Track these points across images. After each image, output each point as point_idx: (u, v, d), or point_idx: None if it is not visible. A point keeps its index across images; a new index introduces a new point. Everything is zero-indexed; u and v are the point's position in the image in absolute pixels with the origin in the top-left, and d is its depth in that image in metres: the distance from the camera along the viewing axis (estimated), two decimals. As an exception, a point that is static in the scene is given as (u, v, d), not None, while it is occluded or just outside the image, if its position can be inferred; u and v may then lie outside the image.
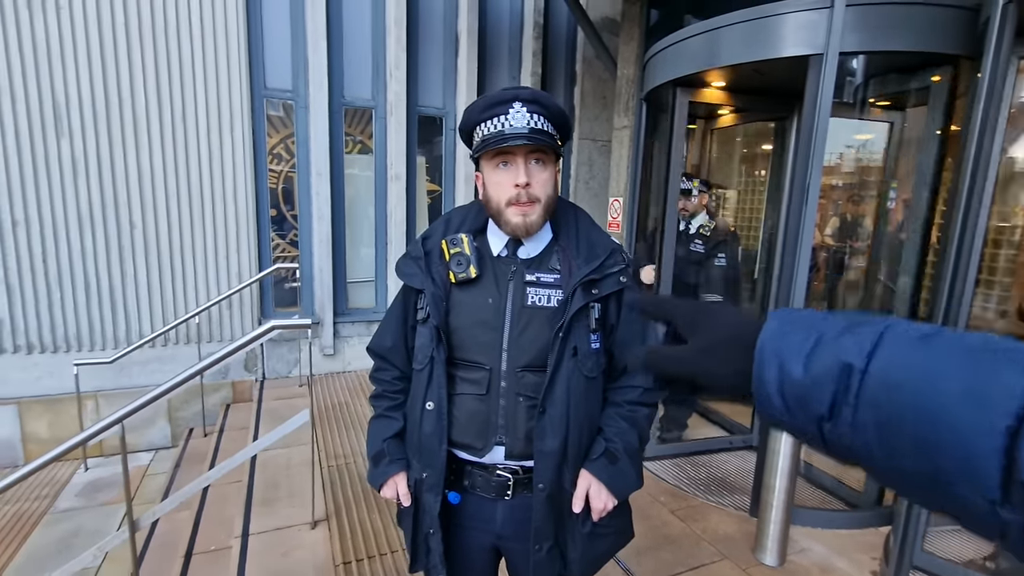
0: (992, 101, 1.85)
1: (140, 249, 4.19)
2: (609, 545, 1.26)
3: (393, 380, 1.30)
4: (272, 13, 4.41)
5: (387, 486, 1.23)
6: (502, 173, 1.13)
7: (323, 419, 3.92)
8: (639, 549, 2.47)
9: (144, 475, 4.07)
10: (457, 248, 1.18)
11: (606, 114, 5.59)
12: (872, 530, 2.65)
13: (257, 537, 2.56)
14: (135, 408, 2.20)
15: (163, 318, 4.30)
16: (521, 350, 1.15)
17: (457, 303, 1.19)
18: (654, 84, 3.14)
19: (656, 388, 1.25)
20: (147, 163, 4.10)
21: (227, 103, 4.25)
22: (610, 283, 1.17)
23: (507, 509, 1.20)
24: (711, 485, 3.08)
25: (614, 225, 4.66)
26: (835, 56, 2.28)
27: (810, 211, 2.39)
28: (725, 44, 2.63)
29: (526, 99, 1.09)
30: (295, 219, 4.77)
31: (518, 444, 1.16)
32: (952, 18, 2.19)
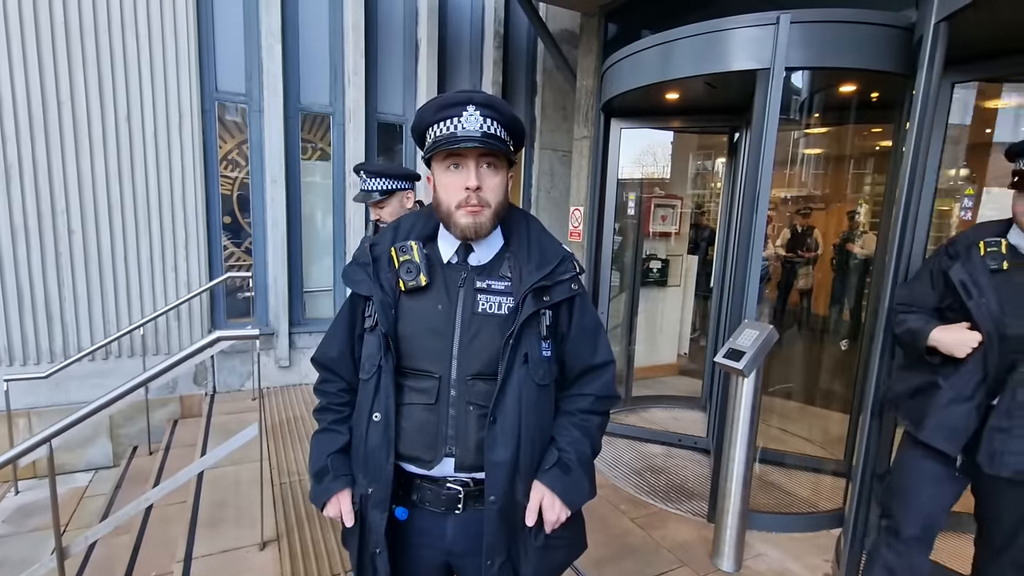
0: (926, 117, 1.94)
1: (79, 257, 3.96)
2: (563, 557, 1.24)
3: (339, 392, 1.25)
4: (224, 12, 4.28)
5: (330, 504, 1.18)
6: (452, 175, 1.11)
7: (276, 434, 3.78)
8: (600, 559, 2.46)
9: (82, 497, 3.83)
10: (407, 256, 1.15)
11: (566, 125, 5.66)
12: (825, 532, 2.72)
13: (201, 561, 2.43)
14: (66, 425, 2.06)
15: (104, 330, 4.07)
16: (471, 357, 1.12)
17: (406, 310, 1.15)
18: (612, 94, 3.19)
19: (608, 396, 1.25)
20: (87, 167, 3.90)
21: (175, 105, 4.09)
22: (561, 290, 1.16)
23: (458, 524, 1.16)
24: (670, 492, 3.11)
25: (575, 234, 4.69)
26: (781, 71, 2.36)
27: (760, 219, 2.45)
28: (678, 57, 2.70)
29: (480, 103, 1.08)
30: (251, 226, 4.62)
31: (468, 455, 1.12)
32: (891, 37, 2.30)
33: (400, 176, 2.32)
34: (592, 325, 1.23)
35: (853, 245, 5.11)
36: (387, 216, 2.30)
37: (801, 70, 2.54)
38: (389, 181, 2.29)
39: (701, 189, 6.91)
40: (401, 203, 2.33)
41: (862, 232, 5.08)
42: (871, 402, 2.14)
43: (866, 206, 5.20)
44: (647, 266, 4.82)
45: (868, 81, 2.69)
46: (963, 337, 1.63)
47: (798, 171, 4.54)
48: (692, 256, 5.27)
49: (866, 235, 4.97)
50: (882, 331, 2.09)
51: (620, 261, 4.44)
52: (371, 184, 2.28)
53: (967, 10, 1.74)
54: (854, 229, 5.21)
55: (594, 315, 1.25)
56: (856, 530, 2.21)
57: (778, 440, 3.74)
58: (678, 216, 4.90)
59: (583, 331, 1.21)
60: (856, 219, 5.27)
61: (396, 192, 2.32)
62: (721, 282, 3.72)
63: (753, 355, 2.24)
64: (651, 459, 3.53)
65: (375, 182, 2.27)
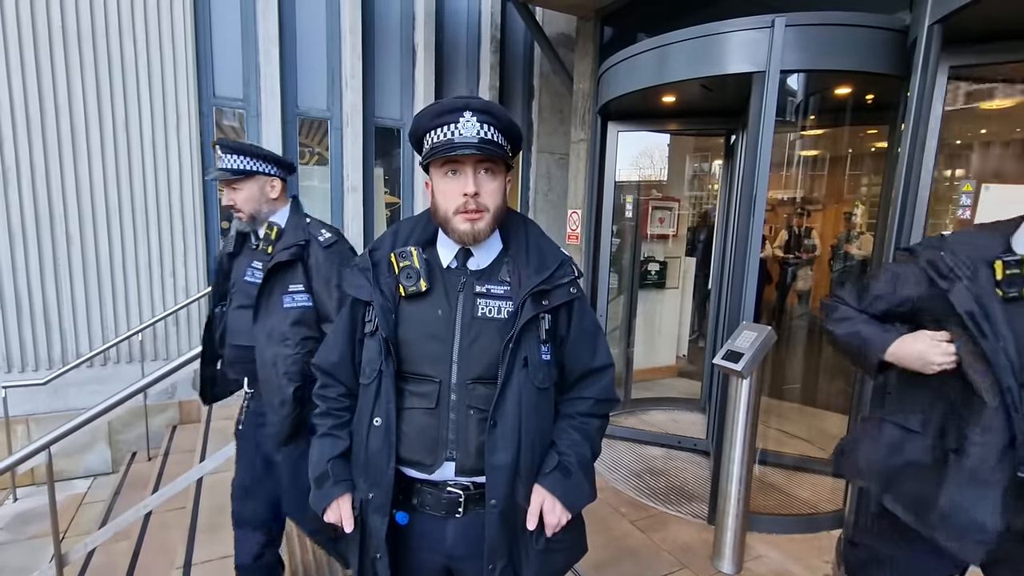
0: (921, 118, 1.96)
1: (77, 264, 3.96)
2: (563, 560, 1.24)
3: (339, 397, 1.25)
4: (221, 18, 4.29)
5: (330, 510, 1.18)
6: (450, 182, 1.12)
7: (276, 439, 3.77)
8: (600, 562, 2.45)
9: (81, 503, 3.82)
10: (407, 261, 1.16)
11: (563, 128, 5.67)
12: (825, 534, 2.71)
13: (201, 567, 2.42)
14: (65, 432, 2.06)
15: (103, 336, 4.07)
16: (471, 361, 1.12)
17: (406, 315, 1.16)
18: (608, 98, 3.20)
19: (608, 399, 1.25)
20: (85, 173, 3.90)
21: (173, 110, 4.09)
22: (560, 294, 1.17)
23: (458, 527, 1.16)
24: (670, 494, 3.11)
25: (573, 237, 4.70)
26: (777, 73, 2.37)
27: (757, 221, 2.46)
28: (674, 60, 2.71)
29: (477, 109, 1.08)
30: (248, 232, 4.62)
31: (469, 459, 1.13)
32: (885, 39, 2.32)
33: (263, 157, 1.93)
34: (591, 328, 1.24)
35: (850, 246, 5.13)
36: (241, 202, 1.89)
37: (796, 72, 2.55)
38: (248, 160, 1.90)
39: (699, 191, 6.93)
40: (262, 191, 1.92)
41: (859, 233, 5.09)
42: (869, 402, 2.14)
43: (862, 207, 5.21)
44: (645, 268, 4.82)
45: (863, 83, 2.70)
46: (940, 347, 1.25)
47: (794, 173, 4.56)
48: (690, 258, 5.29)
49: (863, 236, 4.98)
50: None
51: (618, 263, 4.44)
52: (225, 161, 1.89)
53: (960, 12, 1.76)
54: (851, 230, 5.23)
55: (593, 318, 1.26)
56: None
57: (777, 441, 3.75)
58: (676, 218, 4.91)
59: (582, 334, 1.21)
60: (853, 220, 5.29)
61: (256, 175, 1.90)
62: (719, 284, 3.72)
63: (751, 356, 2.25)
64: (651, 461, 3.53)
65: (230, 159, 1.88)
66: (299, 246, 1.80)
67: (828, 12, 2.35)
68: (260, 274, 1.82)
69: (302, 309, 1.78)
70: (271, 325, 1.77)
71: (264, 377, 1.77)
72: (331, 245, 1.84)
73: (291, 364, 1.73)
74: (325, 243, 1.83)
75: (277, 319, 1.77)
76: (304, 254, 1.81)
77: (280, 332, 1.76)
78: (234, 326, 1.91)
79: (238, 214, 1.91)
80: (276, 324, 1.76)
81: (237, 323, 1.89)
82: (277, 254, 1.79)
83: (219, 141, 1.91)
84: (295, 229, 1.86)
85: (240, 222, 1.94)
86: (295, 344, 1.74)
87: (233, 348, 1.91)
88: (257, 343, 1.78)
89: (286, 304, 1.78)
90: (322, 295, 1.80)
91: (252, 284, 1.83)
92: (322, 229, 1.87)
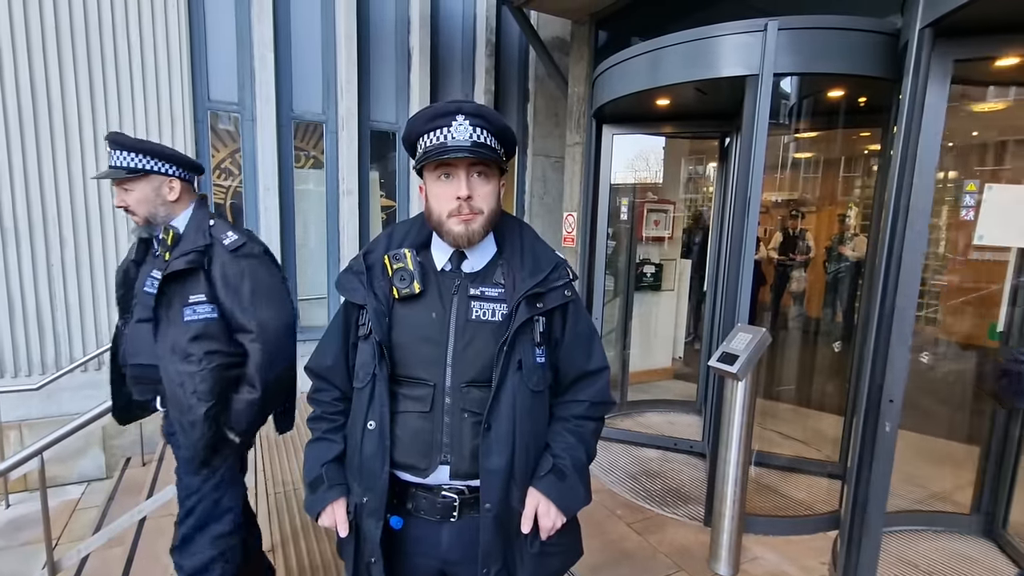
0: (913, 121, 1.97)
1: (71, 267, 3.94)
2: (559, 564, 1.24)
3: (333, 401, 1.25)
4: (216, 22, 4.29)
5: (325, 514, 1.17)
6: (444, 185, 1.12)
7: (270, 444, 3.76)
8: (596, 566, 2.45)
9: (74, 509, 3.79)
10: (400, 263, 1.16)
11: (559, 131, 5.69)
12: (821, 535, 2.72)
13: (195, 572, 2.40)
14: (58, 437, 2.05)
15: (96, 340, 4.04)
16: (466, 365, 1.12)
17: (400, 318, 1.16)
18: (603, 101, 3.21)
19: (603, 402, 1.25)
20: (79, 175, 3.88)
21: (168, 113, 4.08)
22: (555, 297, 1.17)
23: (453, 532, 1.16)
24: (666, 496, 3.11)
25: (569, 240, 4.71)
26: (770, 76, 2.38)
27: (751, 223, 2.47)
28: (668, 63, 2.72)
29: (470, 112, 1.09)
30: (242, 235, 4.61)
31: (463, 463, 1.12)
32: (877, 43, 2.33)
33: (159, 155, 1.72)
34: (586, 331, 1.24)
35: (844, 247, 5.16)
36: (134, 204, 1.70)
37: (789, 76, 2.57)
38: (140, 158, 1.68)
39: (693, 194, 6.95)
40: (158, 192, 1.71)
41: (853, 235, 5.12)
42: (864, 403, 2.15)
43: (856, 209, 5.24)
44: (641, 271, 4.83)
45: (856, 86, 2.72)
46: None
47: (789, 175, 4.58)
48: (685, 260, 5.30)
49: (857, 238, 5.01)
50: (875, 332, 2.10)
51: (614, 266, 4.45)
52: (115, 158, 1.68)
53: (952, 15, 1.77)
54: (845, 232, 5.25)
55: (588, 321, 1.26)
56: (852, 532, 2.22)
57: (773, 443, 3.75)
58: (671, 221, 4.93)
59: (577, 337, 1.21)
60: (847, 222, 5.31)
61: (150, 175, 1.70)
62: (714, 286, 3.73)
63: (747, 358, 2.25)
64: (647, 463, 3.53)
65: (120, 156, 1.67)
66: (197, 252, 1.61)
67: (820, 16, 2.37)
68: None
69: (204, 322, 1.60)
70: (173, 340, 1.60)
71: (172, 397, 1.62)
72: (237, 248, 1.66)
73: (199, 382, 1.57)
74: (230, 246, 1.65)
75: (178, 333, 1.60)
76: (204, 260, 1.62)
77: (182, 348, 1.59)
78: (134, 342, 1.73)
79: (133, 218, 1.73)
80: (178, 339, 1.60)
81: (137, 339, 1.72)
82: (172, 262, 1.59)
83: (110, 136, 1.70)
84: (195, 233, 1.67)
85: (136, 227, 1.75)
86: (199, 360, 1.57)
87: (134, 367, 1.74)
88: (161, 361, 1.62)
89: (186, 317, 1.60)
90: (230, 304, 1.63)
91: (150, 295, 1.64)
92: (228, 231, 1.68)
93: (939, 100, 1.91)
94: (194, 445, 1.62)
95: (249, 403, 1.64)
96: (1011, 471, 2.61)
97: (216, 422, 1.62)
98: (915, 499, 2.98)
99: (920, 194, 1.96)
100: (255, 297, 1.64)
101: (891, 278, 2.05)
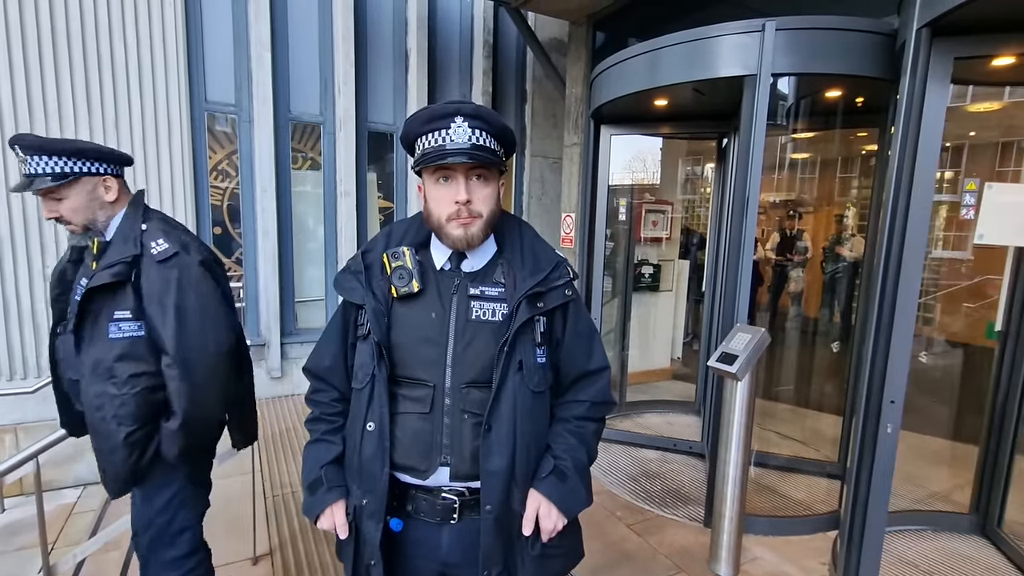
0: (911, 122, 1.97)
1: (67, 270, 3.91)
2: (560, 566, 1.23)
3: (331, 402, 1.24)
4: (213, 22, 4.27)
5: (324, 516, 1.16)
6: (443, 188, 1.11)
7: (268, 446, 3.74)
8: (596, 567, 2.44)
9: (70, 514, 3.76)
10: (399, 262, 1.15)
11: (556, 132, 5.68)
12: (821, 535, 2.72)
13: (193, 576, 2.39)
14: (53, 441, 2.03)
15: (92, 343, 4.02)
16: (466, 365, 1.11)
17: (399, 318, 1.15)
18: (601, 102, 3.21)
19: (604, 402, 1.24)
20: (75, 179, 3.86)
21: (164, 115, 4.06)
22: (555, 296, 1.16)
23: (453, 534, 1.15)
24: (666, 497, 3.10)
25: (567, 241, 4.70)
26: (768, 77, 2.38)
27: (750, 223, 2.47)
28: (666, 64, 2.72)
29: (468, 114, 1.07)
30: (241, 237, 4.59)
31: (464, 464, 1.11)
32: (874, 43, 2.34)
33: (87, 154, 1.51)
34: (587, 331, 1.23)
35: (842, 248, 5.17)
36: (69, 213, 1.52)
37: (787, 76, 2.57)
38: (66, 161, 1.47)
39: (691, 195, 6.96)
40: (92, 195, 1.53)
41: (851, 235, 5.13)
42: (863, 403, 2.15)
43: (854, 209, 5.26)
44: (639, 271, 4.83)
45: (853, 86, 2.72)
46: None
47: (787, 175, 4.59)
48: (683, 261, 5.30)
49: (854, 238, 5.02)
50: (874, 332, 2.10)
51: (612, 267, 4.45)
52: (35, 165, 1.46)
53: (948, 15, 1.77)
54: (842, 232, 5.26)
55: (588, 321, 1.25)
56: (852, 532, 2.21)
57: (772, 443, 3.75)
58: (669, 221, 4.93)
59: (578, 337, 1.21)
60: (844, 222, 5.33)
61: (81, 177, 1.50)
62: (713, 286, 3.74)
63: (746, 358, 2.25)
64: (646, 464, 3.53)
65: (41, 162, 1.45)
66: (124, 263, 1.45)
67: (818, 16, 2.37)
68: None
69: (130, 340, 1.45)
70: (95, 357, 1.45)
71: (89, 419, 1.48)
72: (167, 259, 1.48)
73: (119, 406, 1.43)
74: (158, 256, 1.48)
75: (102, 351, 1.44)
76: (131, 273, 1.46)
77: (106, 367, 1.44)
78: (66, 354, 1.58)
79: (69, 227, 1.55)
80: (101, 357, 1.44)
81: (68, 351, 1.55)
82: (97, 274, 1.43)
83: (22, 139, 1.46)
84: (123, 242, 1.49)
85: (74, 236, 1.57)
86: (123, 383, 1.43)
87: (70, 382, 1.61)
88: (82, 379, 1.48)
89: (111, 334, 1.44)
90: (155, 320, 1.46)
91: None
92: (159, 238, 1.51)
93: (939, 99, 1.91)
94: (114, 469, 1.48)
95: (172, 432, 1.49)
96: (1005, 470, 2.61)
97: (141, 446, 1.48)
98: (914, 499, 2.99)
99: (920, 192, 1.96)
100: (179, 316, 1.47)
101: (890, 278, 2.05)
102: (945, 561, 2.50)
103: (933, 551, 2.58)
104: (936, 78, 1.91)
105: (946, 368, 4.24)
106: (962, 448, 3.31)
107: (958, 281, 4.48)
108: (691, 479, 3.33)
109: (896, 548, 2.57)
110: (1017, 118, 3.78)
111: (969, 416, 3.44)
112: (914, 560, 2.50)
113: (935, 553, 2.56)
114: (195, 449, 1.60)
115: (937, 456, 3.49)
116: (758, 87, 2.41)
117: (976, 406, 2.96)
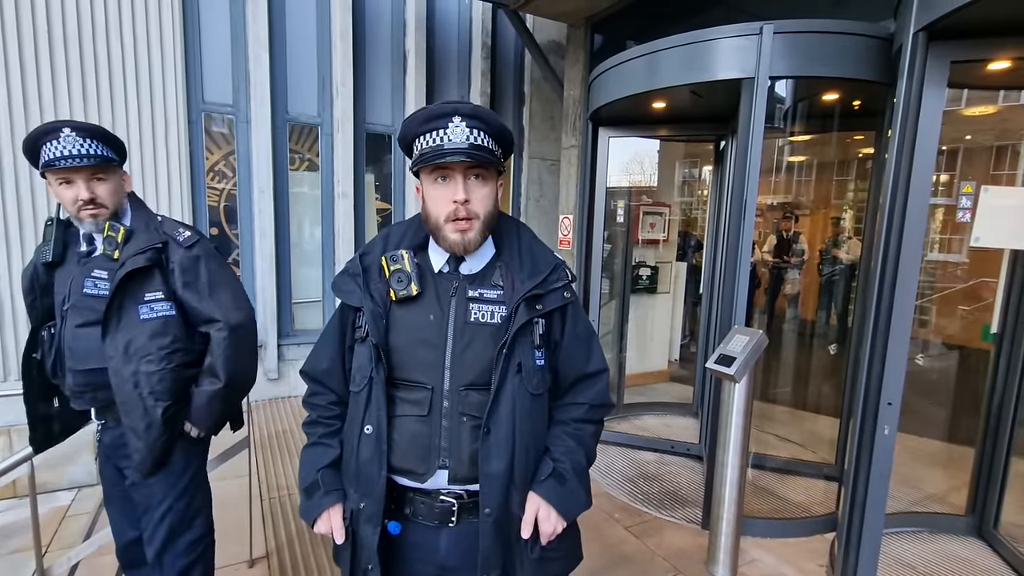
0: (907, 125, 1.98)
1: (62, 271, 3.89)
2: (559, 569, 1.22)
3: (329, 405, 1.23)
4: (211, 22, 4.26)
5: (321, 520, 1.15)
6: (440, 188, 1.10)
7: (265, 448, 3.72)
8: (595, 570, 2.44)
9: (64, 516, 3.73)
10: (398, 265, 1.14)
11: (554, 134, 5.69)
12: (819, 537, 2.72)
13: (188, 579, 2.37)
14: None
15: (88, 345, 4.00)
16: (464, 368, 1.11)
17: (397, 321, 1.14)
18: (599, 104, 3.21)
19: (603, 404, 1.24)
20: (71, 179, 3.84)
21: (161, 116, 4.05)
22: (554, 298, 1.15)
23: (452, 537, 1.15)
24: (664, 499, 3.10)
25: (565, 243, 4.71)
26: (765, 80, 2.39)
27: (748, 226, 2.47)
28: (664, 67, 2.72)
29: (466, 114, 1.07)
30: (238, 238, 4.58)
31: (462, 467, 1.11)
32: (872, 47, 2.35)
33: (121, 147, 1.67)
34: (585, 333, 1.23)
35: (838, 250, 5.18)
36: (107, 197, 1.61)
37: (785, 79, 2.58)
38: (112, 148, 1.62)
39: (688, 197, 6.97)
40: (121, 184, 1.67)
41: (847, 237, 5.15)
42: (861, 405, 2.15)
43: (850, 212, 5.28)
44: (637, 273, 4.84)
45: (850, 90, 2.73)
46: None
47: (784, 178, 4.60)
48: (681, 263, 5.31)
49: (851, 240, 5.04)
50: (871, 334, 2.10)
51: (610, 269, 4.45)
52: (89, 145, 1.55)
53: (945, 19, 1.78)
54: (839, 235, 5.28)
55: (587, 323, 1.25)
56: (850, 534, 2.22)
57: (769, 445, 3.76)
58: (666, 223, 4.94)
59: (576, 339, 1.20)
60: (841, 225, 5.34)
61: (120, 166, 1.67)
62: (710, 288, 3.74)
63: (744, 360, 2.25)
64: (644, 466, 3.53)
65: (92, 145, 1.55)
66: (155, 249, 1.58)
67: (815, 20, 2.38)
68: (106, 284, 1.56)
69: (163, 319, 1.57)
70: (126, 340, 1.54)
71: (124, 400, 1.55)
72: (192, 245, 1.65)
73: (157, 382, 1.54)
74: (185, 243, 1.64)
75: (133, 333, 1.54)
76: (161, 258, 1.59)
77: (139, 347, 1.54)
78: (78, 348, 1.60)
79: (95, 212, 1.58)
80: (134, 338, 1.54)
81: (82, 344, 1.59)
82: (131, 260, 1.53)
83: (70, 123, 1.55)
84: (147, 230, 1.62)
85: (87, 223, 1.60)
86: (159, 359, 1.55)
87: (80, 374, 1.62)
88: (110, 362, 1.55)
89: (143, 315, 1.55)
90: (191, 301, 1.62)
91: (97, 297, 1.56)
92: (179, 228, 1.67)
93: (936, 102, 1.92)
94: (148, 448, 1.56)
95: (211, 395, 1.63)
96: (1001, 471, 2.62)
97: (173, 423, 1.60)
98: (911, 501, 2.99)
99: (916, 195, 1.96)
100: (218, 289, 1.65)
101: (887, 280, 2.05)
102: (942, 563, 2.51)
103: (930, 553, 2.58)
104: (932, 82, 1.92)
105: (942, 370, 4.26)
106: (958, 450, 3.32)
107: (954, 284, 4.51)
108: (689, 481, 3.33)
109: (893, 550, 2.57)
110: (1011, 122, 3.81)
111: (965, 418, 3.45)
112: (911, 562, 2.51)
113: (932, 555, 2.57)
114: (220, 421, 1.75)
115: (934, 458, 3.50)
116: (756, 90, 2.41)
117: (972, 408, 2.97)
